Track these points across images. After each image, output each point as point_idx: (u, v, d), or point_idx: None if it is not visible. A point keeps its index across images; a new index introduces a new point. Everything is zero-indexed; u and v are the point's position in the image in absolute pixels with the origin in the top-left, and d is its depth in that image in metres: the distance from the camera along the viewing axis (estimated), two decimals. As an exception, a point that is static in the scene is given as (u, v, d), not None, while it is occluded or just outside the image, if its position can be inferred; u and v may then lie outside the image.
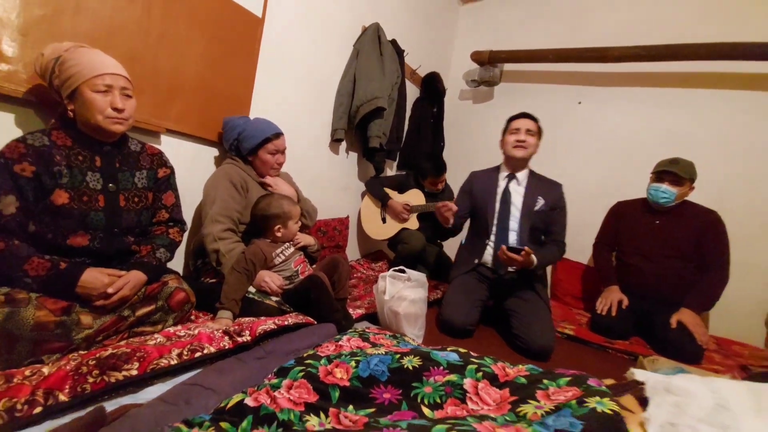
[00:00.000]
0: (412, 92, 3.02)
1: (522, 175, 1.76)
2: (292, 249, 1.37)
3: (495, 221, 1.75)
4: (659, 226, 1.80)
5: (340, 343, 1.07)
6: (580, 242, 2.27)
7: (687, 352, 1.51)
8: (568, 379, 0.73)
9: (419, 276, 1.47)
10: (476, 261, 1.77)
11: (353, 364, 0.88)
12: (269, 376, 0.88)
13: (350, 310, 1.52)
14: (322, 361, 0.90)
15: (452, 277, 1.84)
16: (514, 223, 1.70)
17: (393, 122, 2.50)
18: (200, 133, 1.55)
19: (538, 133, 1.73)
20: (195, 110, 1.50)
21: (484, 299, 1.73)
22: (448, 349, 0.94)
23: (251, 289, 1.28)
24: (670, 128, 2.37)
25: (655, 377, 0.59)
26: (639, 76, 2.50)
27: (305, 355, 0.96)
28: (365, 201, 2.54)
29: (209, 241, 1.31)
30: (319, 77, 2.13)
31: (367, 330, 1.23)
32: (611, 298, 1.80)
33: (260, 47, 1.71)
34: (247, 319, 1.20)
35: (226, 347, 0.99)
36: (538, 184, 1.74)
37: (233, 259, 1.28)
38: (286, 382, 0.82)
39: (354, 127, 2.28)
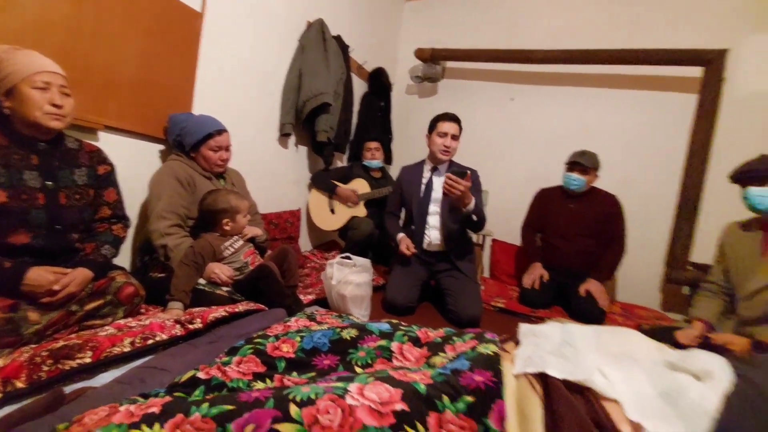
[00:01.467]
0: (360, 87, 3.11)
1: (443, 167, 1.96)
2: (240, 241, 1.44)
3: (418, 209, 1.95)
4: (573, 210, 2.09)
5: (288, 324, 1.18)
6: (514, 226, 2.53)
7: (591, 315, 1.80)
8: (472, 335, 0.91)
9: (364, 261, 1.61)
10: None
11: (298, 339, 1.00)
12: (220, 355, 0.97)
13: (301, 296, 1.63)
14: (270, 339, 1.00)
15: (394, 262, 2.01)
16: (434, 207, 1.92)
17: (340, 117, 2.59)
18: (142, 129, 1.54)
19: (460, 133, 1.93)
20: (135, 106, 1.49)
21: (424, 279, 1.93)
22: (383, 320, 1.09)
23: (201, 281, 1.34)
24: (585, 123, 2.70)
25: (526, 326, 0.78)
26: (560, 77, 2.81)
27: (255, 336, 1.06)
28: (312, 194, 2.62)
29: (156, 237, 1.35)
30: (265, 72, 2.16)
31: (315, 312, 1.36)
32: (535, 274, 2.07)
33: (200, 42, 1.72)
34: (198, 309, 1.26)
35: (178, 334, 1.06)
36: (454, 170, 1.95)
37: (181, 253, 1.33)
38: (236, 358, 0.92)
39: (302, 121, 2.34)
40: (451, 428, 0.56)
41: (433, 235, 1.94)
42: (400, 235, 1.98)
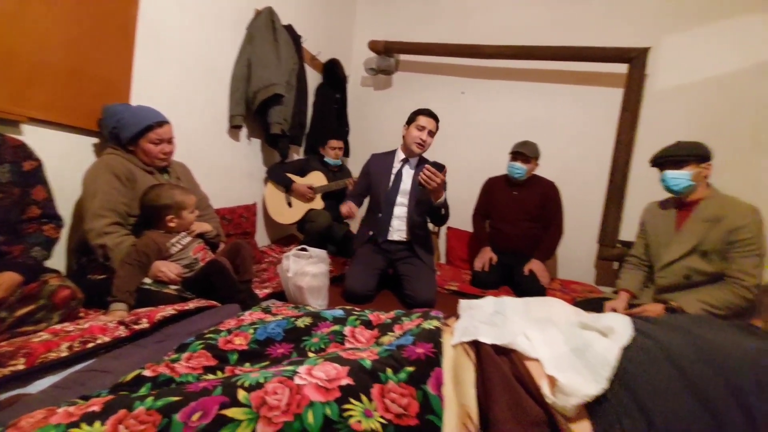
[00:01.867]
0: (314, 78, 3.07)
1: (414, 161, 2.04)
2: (188, 238, 1.40)
3: (386, 198, 1.99)
4: (516, 196, 2.24)
5: (242, 318, 1.17)
6: (467, 214, 2.66)
7: (534, 292, 1.96)
8: (419, 314, 0.96)
9: (320, 252, 1.63)
10: (371, 233, 2.00)
11: (251, 331, 1.00)
12: (168, 353, 0.95)
13: (257, 291, 1.61)
14: (222, 334, 0.99)
15: (353, 250, 2.05)
16: (401, 198, 1.98)
17: (294, 108, 2.55)
18: (73, 122, 1.43)
19: (436, 131, 2.00)
20: (64, 97, 1.38)
21: (382, 268, 1.98)
22: (337, 307, 1.12)
23: (147, 280, 1.29)
24: (528, 116, 2.88)
25: (465, 302, 0.84)
26: (507, 72, 2.96)
27: (206, 331, 1.04)
28: (268, 188, 2.58)
29: (93, 236, 1.27)
30: (211, 61, 2.07)
31: (270, 305, 1.35)
32: (484, 257, 2.20)
33: (136, 29, 1.61)
34: (144, 309, 1.21)
35: (122, 336, 1.02)
36: (423, 164, 2.01)
37: (123, 252, 1.27)
38: (185, 354, 0.90)
39: (253, 113, 2.28)
40: (392, 396, 0.60)
41: (397, 224, 1.99)
42: (347, 202, 2.02)
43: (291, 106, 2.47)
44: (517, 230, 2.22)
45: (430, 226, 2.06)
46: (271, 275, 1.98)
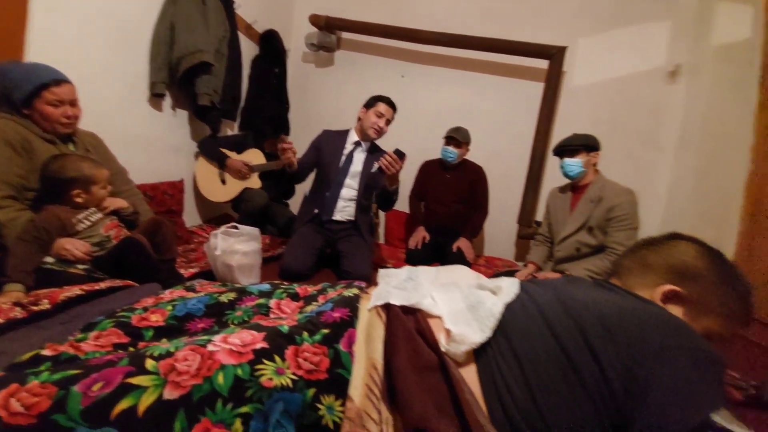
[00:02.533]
0: (250, 49, 2.90)
1: (366, 145, 2.07)
2: (99, 214, 1.28)
3: (335, 177, 1.99)
4: (449, 179, 2.38)
5: (161, 296, 1.12)
6: (405, 196, 2.75)
7: (460, 268, 2.13)
8: (343, 285, 1.01)
9: (251, 230, 1.59)
10: (315, 211, 2.01)
11: (170, 308, 0.96)
12: (74, 333, 0.88)
13: (182, 271, 1.54)
14: (137, 312, 0.95)
15: (295, 229, 2.04)
16: (351, 181, 2.01)
17: (226, 80, 2.40)
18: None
19: (392, 120, 2.03)
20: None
21: (321, 246, 2.00)
22: (264, 282, 1.12)
23: (49, 259, 1.17)
24: (462, 103, 3.03)
25: (383, 270, 0.91)
26: (444, 59, 3.06)
27: (119, 310, 0.98)
28: (200, 163, 2.43)
29: (-21, 210, 1.11)
30: (127, 19, 1.86)
31: (195, 283, 1.31)
32: (418, 236, 2.33)
33: (28, -29, 1.39)
34: (46, 290, 1.10)
35: (18, 317, 0.93)
36: (376, 151, 2.08)
37: (19, 228, 1.13)
38: (93, 333, 0.85)
39: (178, 81, 2.10)
40: (306, 355, 0.64)
41: (342, 205, 2.01)
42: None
43: (222, 76, 2.32)
44: (448, 211, 2.37)
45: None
46: (200, 255, 1.90)
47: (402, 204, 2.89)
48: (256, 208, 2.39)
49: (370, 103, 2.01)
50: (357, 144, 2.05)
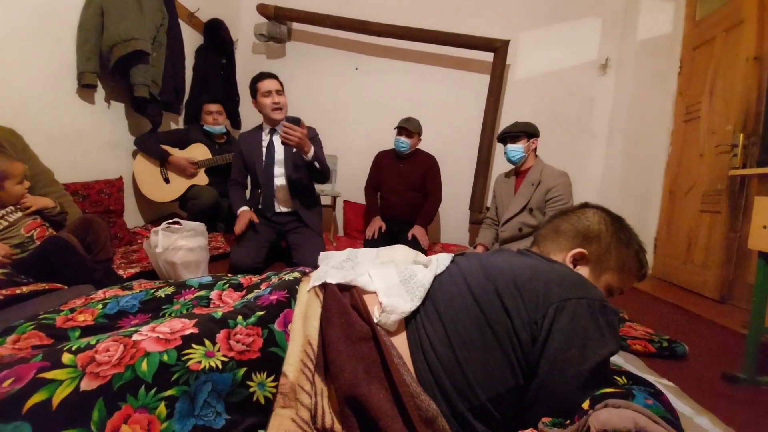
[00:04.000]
0: (193, 38, 2.77)
1: (280, 128, 1.97)
2: (18, 213, 1.18)
3: (264, 174, 1.95)
4: (402, 169, 2.43)
5: (92, 296, 1.06)
6: (362, 187, 2.76)
7: (416, 255, 2.18)
8: (288, 271, 1.00)
9: (196, 225, 1.54)
10: (259, 207, 1.97)
11: (100, 306, 0.91)
12: (-12, 339, 0.81)
13: (120, 272, 1.46)
14: (63, 313, 0.89)
15: None
16: (278, 169, 1.96)
17: (167, 70, 2.27)
18: None
19: (283, 88, 1.94)
20: None
21: (272, 240, 1.96)
22: (207, 275, 1.09)
23: (-42, 263, 1.06)
24: (414, 94, 3.09)
25: (323, 253, 0.92)
26: (396, 51, 3.10)
27: (42, 313, 0.92)
28: (138, 161, 2.29)
29: None
30: (49, 4, 1.70)
31: (134, 283, 1.24)
32: (374, 226, 2.36)
33: None
34: (-45, 297, 1.00)
35: None
36: None
37: None
38: (11, 337, 0.79)
39: (111, 71, 1.96)
40: (238, 337, 0.64)
41: (280, 196, 1.97)
42: (243, 209, 1.95)
43: (161, 66, 2.19)
44: (402, 200, 2.41)
45: (324, 197, 2.09)
46: (142, 255, 1.80)
47: (360, 195, 2.92)
48: (205, 206, 2.30)
49: (253, 91, 1.91)
50: (271, 132, 1.97)
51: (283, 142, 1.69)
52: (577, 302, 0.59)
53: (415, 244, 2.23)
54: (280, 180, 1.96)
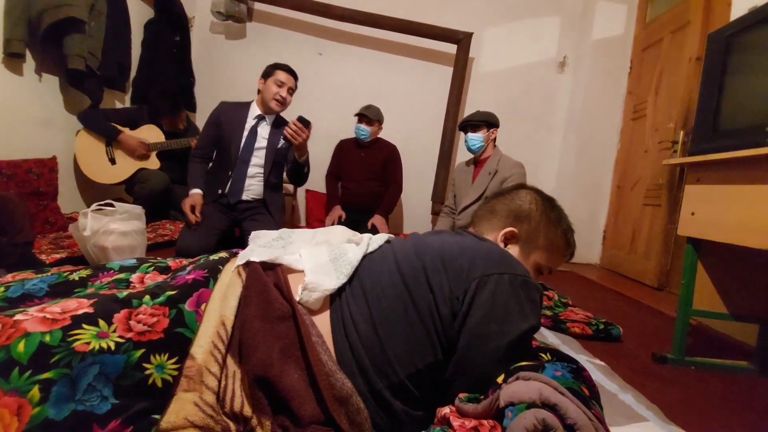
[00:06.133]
0: (142, 11, 2.58)
1: (270, 119, 1.89)
2: None
3: (239, 156, 1.83)
4: (363, 157, 2.40)
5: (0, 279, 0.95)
6: (323, 175, 2.70)
7: (375, 244, 2.16)
8: (221, 252, 0.95)
9: (132, 207, 1.43)
10: (219, 191, 1.85)
11: (2, 289, 0.82)
12: None
13: (43, 257, 1.33)
14: (-42, 296, 0.79)
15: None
16: (257, 159, 1.85)
17: (109, 43, 2.10)
18: None
19: (295, 89, 1.89)
20: None
21: (224, 228, 1.86)
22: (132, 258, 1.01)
23: None
24: (378, 83, 3.05)
25: (254, 233, 0.87)
26: (360, 38, 3.04)
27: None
28: (81, 138, 2.11)
29: None
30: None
31: (54, 268, 1.13)
32: (334, 215, 2.32)
33: None
34: None
35: None
36: (281, 125, 1.90)
37: None
38: None
39: (41, 39, 1.78)
40: (140, 317, 0.58)
41: (249, 184, 1.86)
42: (195, 192, 1.79)
43: (101, 37, 2.02)
44: (363, 189, 2.38)
45: (289, 187, 2.00)
46: (74, 241, 1.66)
47: (321, 184, 2.86)
48: (154, 191, 2.16)
49: (269, 72, 1.84)
50: (260, 118, 1.87)
51: (285, 138, 1.64)
52: (499, 277, 0.59)
53: (375, 234, 2.22)
54: (254, 169, 1.85)
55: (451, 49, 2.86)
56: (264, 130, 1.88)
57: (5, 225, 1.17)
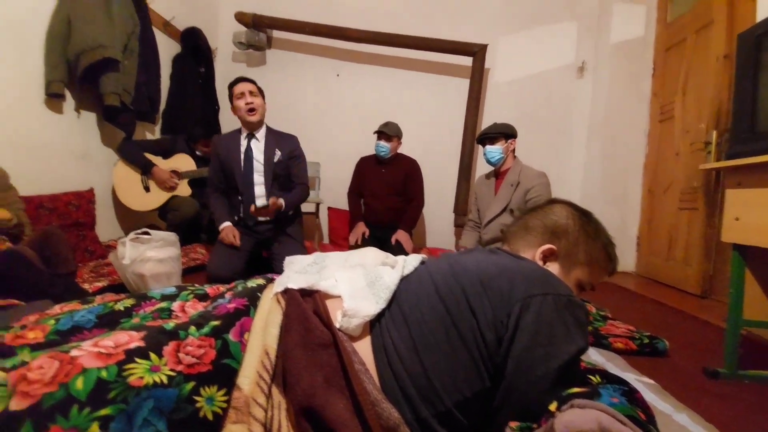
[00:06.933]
0: (170, 47, 2.73)
1: (261, 134, 1.94)
2: (-29, 226, 1.12)
3: (243, 179, 1.90)
4: (384, 173, 2.41)
5: (48, 312, 1.00)
6: (345, 194, 2.73)
7: (399, 260, 2.15)
8: (257, 278, 0.96)
9: (167, 235, 1.48)
10: (236, 217, 1.91)
11: (52, 322, 0.86)
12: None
13: (86, 286, 1.39)
14: (13, 330, 0.84)
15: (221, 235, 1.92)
16: (258, 176, 1.91)
17: (141, 78, 2.22)
18: None
19: (260, 93, 1.92)
20: None
21: (250, 249, 1.91)
22: (171, 286, 1.04)
23: None
24: (395, 99, 3.11)
25: (288, 258, 0.88)
26: (376, 57, 3.11)
27: (-11, 331, 0.86)
28: (118, 168, 2.23)
29: None
30: (16, 12, 1.66)
31: (98, 297, 1.18)
32: (357, 232, 2.33)
33: None
34: None
35: None
36: (275, 138, 1.96)
37: None
38: (-51, 359, 0.74)
39: (79, 79, 1.91)
40: (188, 350, 0.60)
41: (260, 204, 1.91)
42: (225, 225, 1.87)
43: (134, 75, 2.14)
44: (385, 204, 2.39)
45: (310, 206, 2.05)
46: (113, 269, 1.73)
47: (343, 202, 2.89)
48: (186, 218, 2.25)
49: (230, 96, 1.91)
50: (249, 136, 1.92)
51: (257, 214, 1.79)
52: (542, 299, 0.57)
53: (399, 249, 2.21)
54: (259, 188, 1.91)
55: (466, 61, 2.88)
56: (258, 148, 1.93)
57: (50, 257, 1.24)
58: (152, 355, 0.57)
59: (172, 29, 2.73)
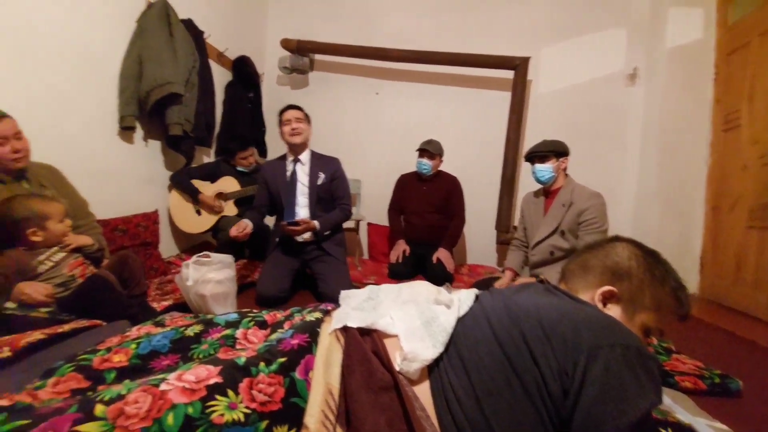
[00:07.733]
0: (223, 76, 2.94)
1: (305, 157, 2.03)
2: (62, 253, 1.26)
3: (287, 202, 1.99)
4: (425, 191, 2.42)
5: (127, 333, 1.10)
6: (386, 210, 2.76)
7: (441, 278, 2.14)
8: (310, 309, 1.01)
9: (224, 258, 1.58)
10: (276, 239, 2.02)
11: (134, 346, 0.95)
12: (33, 380, 0.86)
13: (154, 304, 1.52)
14: (100, 353, 0.93)
15: (267, 254, 2.02)
16: (302, 198, 2.00)
17: (198, 108, 2.41)
18: None
19: (306, 118, 2.01)
20: None
21: (296, 268, 1.99)
22: (233, 311, 1.11)
23: (10, 304, 1.14)
24: (434, 115, 3.11)
25: (344, 292, 0.91)
26: (414, 74, 3.14)
27: (80, 353, 0.96)
28: (173, 196, 2.42)
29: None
30: (92, 54, 1.87)
31: (166, 317, 1.28)
32: (398, 250, 2.34)
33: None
34: (7, 337, 1.08)
35: (-28, 368, 0.90)
36: (319, 162, 2.05)
37: (-23, 275, 1.11)
38: (51, 380, 0.83)
39: (148, 113, 2.11)
40: (260, 387, 0.64)
41: (291, 221, 1.99)
42: (244, 219, 1.93)
43: (193, 105, 2.33)
44: (426, 222, 2.39)
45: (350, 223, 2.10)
46: (176, 287, 1.87)
47: (382, 217, 2.93)
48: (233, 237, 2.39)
49: (279, 122, 2.02)
50: (295, 161, 2.02)
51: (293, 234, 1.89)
52: (610, 350, 0.55)
53: (440, 268, 2.20)
54: (303, 210, 2.00)
55: (507, 74, 2.84)
56: (303, 171, 2.01)
57: (127, 279, 1.36)
58: (230, 392, 0.62)
59: (225, 59, 2.94)
